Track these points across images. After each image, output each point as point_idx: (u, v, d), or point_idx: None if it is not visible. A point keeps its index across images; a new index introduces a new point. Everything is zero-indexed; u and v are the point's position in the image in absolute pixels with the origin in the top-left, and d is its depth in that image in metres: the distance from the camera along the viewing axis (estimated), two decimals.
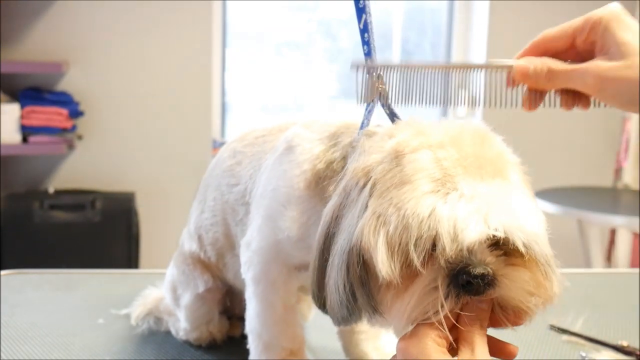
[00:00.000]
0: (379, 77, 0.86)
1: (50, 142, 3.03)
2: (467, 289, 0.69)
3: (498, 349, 0.74)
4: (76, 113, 3.16)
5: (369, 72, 0.85)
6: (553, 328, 1.31)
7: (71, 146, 3.20)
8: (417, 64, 0.84)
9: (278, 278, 1.02)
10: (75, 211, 3.06)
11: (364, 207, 0.73)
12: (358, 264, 0.72)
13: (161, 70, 3.30)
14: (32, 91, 3.10)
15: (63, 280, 1.57)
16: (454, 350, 0.70)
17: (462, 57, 3.71)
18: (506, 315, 0.72)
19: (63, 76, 3.23)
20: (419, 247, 0.68)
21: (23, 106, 3.01)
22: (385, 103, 0.87)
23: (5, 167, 3.23)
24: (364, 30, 0.88)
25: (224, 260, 1.18)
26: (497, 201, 0.69)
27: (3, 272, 1.59)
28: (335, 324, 0.80)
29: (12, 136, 2.99)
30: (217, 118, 3.56)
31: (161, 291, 1.32)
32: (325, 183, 0.90)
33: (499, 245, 0.70)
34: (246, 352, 1.08)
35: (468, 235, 0.67)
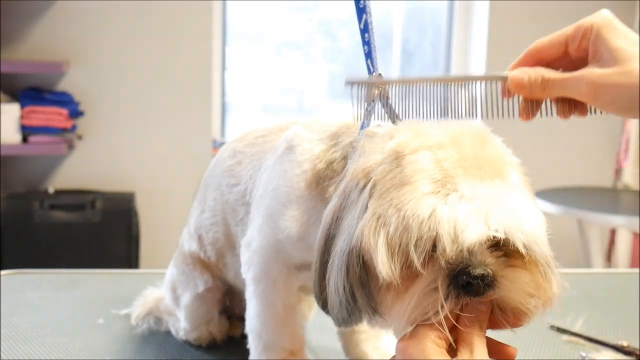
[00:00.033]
0: (379, 76, 0.86)
1: (50, 142, 3.03)
2: (467, 290, 0.69)
3: (497, 351, 0.74)
4: (76, 113, 3.16)
5: (365, 87, 0.85)
6: (553, 328, 1.31)
7: (71, 146, 3.20)
8: (413, 79, 0.84)
9: (278, 278, 1.02)
10: (75, 211, 3.06)
11: (364, 208, 0.73)
12: (358, 265, 0.72)
13: (161, 70, 3.30)
14: (32, 91, 3.10)
15: (63, 280, 1.57)
16: (453, 351, 0.70)
17: (462, 58, 3.71)
18: (505, 316, 0.72)
19: (63, 76, 3.23)
20: (419, 248, 0.68)
21: (23, 106, 3.01)
22: (385, 103, 0.87)
23: (5, 167, 3.23)
24: (364, 30, 0.88)
25: (224, 260, 1.18)
26: (497, 202, 0.69)
27: (3, 272, 1.59)
28: (336, 325, 0.81)
29: (12, 136, 2.99)
30: (217, 118, 3.55)
31: (161, 291, 1.32)
32: (325, 183, 0.90)
33: (499, 246, 0.70)
34: (246, 352, 1.08)
35: (468, 236, 0.67)
